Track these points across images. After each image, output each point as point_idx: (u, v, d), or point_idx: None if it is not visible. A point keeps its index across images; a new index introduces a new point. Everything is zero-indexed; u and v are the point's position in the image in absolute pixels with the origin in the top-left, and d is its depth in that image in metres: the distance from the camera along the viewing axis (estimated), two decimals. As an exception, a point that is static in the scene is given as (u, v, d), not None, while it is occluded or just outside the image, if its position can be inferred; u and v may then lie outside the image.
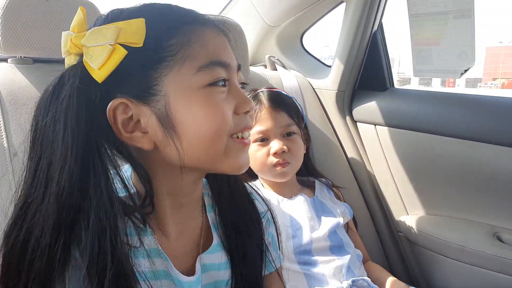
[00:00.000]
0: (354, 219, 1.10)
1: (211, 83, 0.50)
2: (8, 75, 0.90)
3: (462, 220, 1.10)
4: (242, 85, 0.57)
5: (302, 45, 1.56)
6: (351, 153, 1.30)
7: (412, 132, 1.14)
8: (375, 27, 1.25)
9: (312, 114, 1.31)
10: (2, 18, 0.86)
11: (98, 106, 0.48)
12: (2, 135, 0.82)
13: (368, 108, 1.25)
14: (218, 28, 0.54)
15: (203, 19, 0.53)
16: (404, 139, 1.17)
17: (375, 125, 1.24)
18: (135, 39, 0.47)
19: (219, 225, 0.62)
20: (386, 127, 1.20)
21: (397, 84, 1.35)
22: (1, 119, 0.84)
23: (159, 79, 0.48)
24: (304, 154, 1.05)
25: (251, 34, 1.48)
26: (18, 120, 0.85)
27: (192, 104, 0.49)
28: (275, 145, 0.97)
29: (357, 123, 1.31)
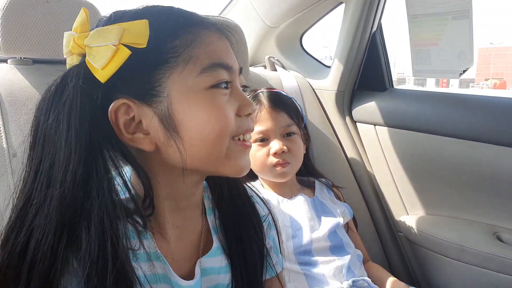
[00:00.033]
0: (354, 219, 1.10)
1: (214, 85, 0.50)
2: (8, 75, 0.90)
3: (462, 220, 1.10)
4: (243, 88, 0.57)
5: (301, 45, 1.56)
6: (351, 153, 1.30)
7: (411, 132, 1.14)
8: (374, 28, 1.25)
9: (311, 115, 1.31)
10: (2, 19, 0.86)
11: (100, 106, 0.48)
12: (2, 135, 0.82)
13: (368, 108, 1.25)
14: (221, 31, 0.54)
15: (206, 22, 0.53)
16: (403, 139, 1.17)
17: (374, 125, 1.24)
18: (139, 40, 0.47)
19: (219, 228, 0.62)
20: (386, 127, 1.20)
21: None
22: (0, 119, 0.84)
23: (162, 80, 0.48)
24: (304, 154, 1.05)
25: (250, 35, 1.48)
26: (17, 121, 0.84)
27: (195, 105, 0.49)
28: (275, 145, 0.97)
29: (356, 123, 1.31)
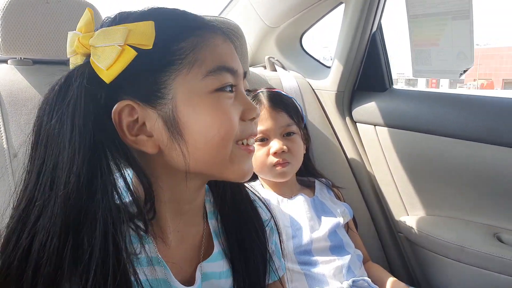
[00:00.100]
0: (354, 219, 1.10)
1: (219, 89, 0.50)
2: (8, 76, 0.90)
3: (462, 221, 1.10)
4: (246, 92, 0.57)
5: (301, 46, 1.56)
6: (351, 153, 1.30)
7: (411, 132, 1.14)
8: (374, 28, 1.25)
9: (311, 115, 1.31)
10: (2, 19, 0.86)
11: (104, 107, 0.47)
12: (2, 136, 0.82)
13: (368, 108, 1.25)
14: (226, 34, 0.54)
15: (211, 25, 0.53)
16: (403, 139, 1.17)
17: (374, 125, 1.24)
18: (145, 41, 0.47)
19: (221, 232, 0.61)
20: (386, 128, 1.20)
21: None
22: (0, 120, 0.84)
23: (167, 82, 0.48)
24: (304, 154, 1.05)
25: (250, 35, 1.48)
26: (18, 121, 0.84)
27: (199, 108, 0.49)
28: (275, 145, 0.97)
29: (356, 123, 1.31)
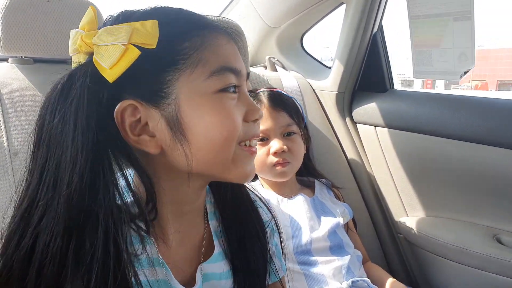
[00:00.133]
0: (353, 220, 1.10)
1: (222, 89, 0.49)
2: (9, 74, 0.90)
3: (461, 222, 1.10)
4: (248, 93, 0.57)
5: (302, 46, 1.56)
6: (351, 154, 1.30)
7: (412, 133, 1.14)
8: (375, 29, 1.25)
9: (312, 115, 1.31)
10: (3, 18, 0.86)
11: (107, 106, 0.47)
12: (2, 134, 0.82)
13: (368, 109, 1.25)
14: (229, 35, 0.54)
15: (215, 25, 0.52)
16: (404, 140, 1.17)
17: (375, 126, 1.24)
18: (148, 40, 0.46)
19: (221, 233, 0.61)
20: (386, 129, 1.20)
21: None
22: (1, 118, 0.84)
23: (170, 82, 0.48)
24: (304, 155, 1.05)
25: (251, 35, 1.48)
26: (18, 120, 0.85)
27: (203, 109, 0.48)
28: (275, 144, 0.97)
29: (357, 124, 1.31)
